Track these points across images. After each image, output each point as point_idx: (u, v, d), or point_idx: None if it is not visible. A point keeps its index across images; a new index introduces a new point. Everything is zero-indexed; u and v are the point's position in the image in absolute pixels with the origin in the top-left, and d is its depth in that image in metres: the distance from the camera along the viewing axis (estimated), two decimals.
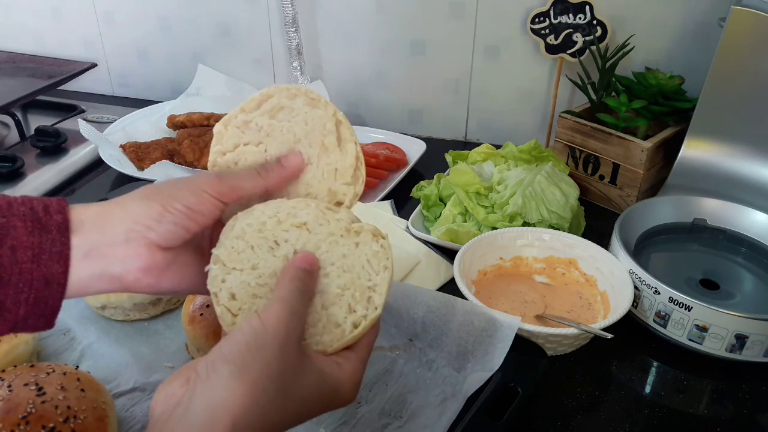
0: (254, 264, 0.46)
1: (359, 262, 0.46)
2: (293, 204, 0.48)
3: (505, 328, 0.59)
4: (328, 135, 0.51)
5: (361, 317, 0.45)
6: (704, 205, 0.80)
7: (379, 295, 0.45)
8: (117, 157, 0.98)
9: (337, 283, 0.45)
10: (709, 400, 0.63)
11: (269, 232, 0.47)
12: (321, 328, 0.44)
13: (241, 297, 0.45)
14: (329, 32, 1.12)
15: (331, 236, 0.47)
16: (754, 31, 0.78)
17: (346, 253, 0.46)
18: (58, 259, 0.41)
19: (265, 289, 0.45)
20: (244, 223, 0.47)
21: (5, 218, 0.40)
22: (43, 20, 1.27)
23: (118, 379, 0.61)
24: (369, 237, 0.47)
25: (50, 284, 0.41)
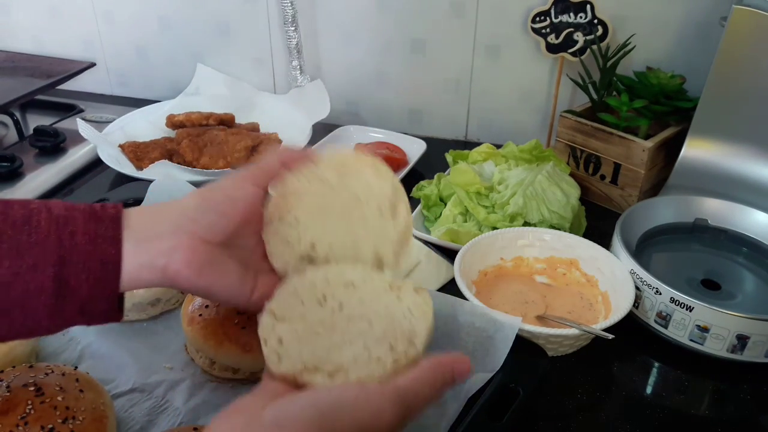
0: (302, 314, 0.50)
1: (401, 311, 0.49)
2: (342, 266, 0.52)
3: (506, 328, 0.59)
4: (385, 202, 0.54)
5: (402, 354, 0.47)
6: (706, 205, 0.79)
7: (419, 338, 0.48)
8: (116, 156, 0.98)
9: (380, 328, 0.48)
10: (711, 401, 0.63)
11: (318, 289, 0.51)
12: (363, 364, 0.47)
13: (287, 342, 0.48)
14: (329, 31, 1.12)
15: (375, 291, 0.51)
16: (756, 31, 0.78)
17: (388, 304, 0.50)
18: (112, 243, 0.45)
19: (311, 335, 0.49)
20: (297, 282, 0.52)
21: (68, 212, 0.45)
22: (42, 19, 1.27)
23: (116, 379, 0.61)
24: (410, 291, 0.51)
25: (106, 265, 0.45)
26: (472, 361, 0.60)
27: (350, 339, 0.48)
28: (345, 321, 0.49)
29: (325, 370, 0.46)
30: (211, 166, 0.98)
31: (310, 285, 0.51)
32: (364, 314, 0.49)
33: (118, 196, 0.85)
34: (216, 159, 0.99)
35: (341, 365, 0.47)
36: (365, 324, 0.49)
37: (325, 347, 0.48)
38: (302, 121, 1.07)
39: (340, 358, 0.47)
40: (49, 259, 0.43)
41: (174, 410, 0.58)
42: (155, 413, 0.58)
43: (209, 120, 1.07)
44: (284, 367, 0.47)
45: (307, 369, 0.46)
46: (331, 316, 0.49)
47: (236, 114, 1.11)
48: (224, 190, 0.50)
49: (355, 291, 0.51)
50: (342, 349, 0.47)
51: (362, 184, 0.54)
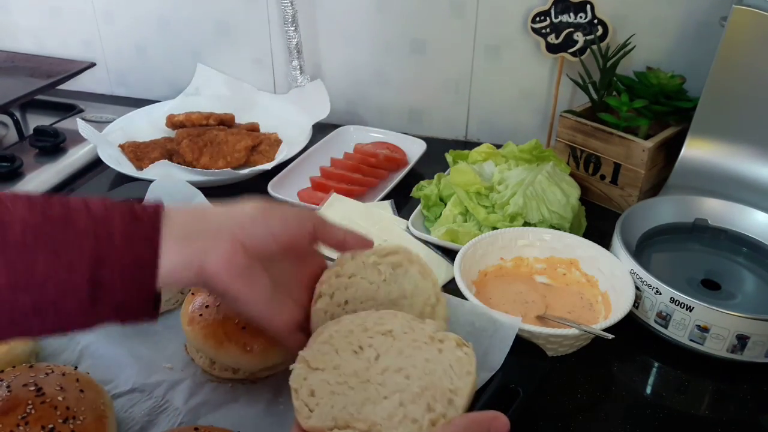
0: (336, 364, 0.48)
1: (441, 367, 0.47)
2: (380, 314, 0.51)
3: (506, 328, 0.59)
4: (427, 307, 0.55)
5: (440, 416, 0.44)
6: (706, 205, 0.79)
7: (460, 398, 0.45)
8: (116, 156, 0.98)
9: (418, 384, 0.46)
10: (711, 401, 0.63)
11: (355, 337, 0.49)
12: (397, 422, 0.44)
13: (319, 393, 0.46)
14: (329, 31, 1.12)
15: (415, 342, 0.49)
16: (756, 30, 0.78)
17: (429, 357, 0.48)
18: (149, 245, 0.45)
19: (344, 387, 0.46)
20: (333, 329, 0.50)
21: (107, 211, 0.45)
22: (42, 19, 1.27)
23: (116, 379, 0.61)
24: (453, 344, 0.48)
25: (142, 268, 0.45)
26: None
27: (386, 393, 0.46)
28: (381, 373, 0.47)
29: (357, 429, 0.44)
30: (211, 166, 0.98)
31: (346, 332, 0.50)
32: (402, 367, 0.47)
33: (118, 196, 0.85)
34: (216, 159, 0.99)
35: (374, 422, 0.44)
36: (402, 378, 0.46)
37: (358, 401, 0.45)
38: (302, 121, 1.07)
39: (373, 415, 0.44)
40: (85, 260, 0.42)
41: (174, 410, 0.58)
42: (155, 413, 0.58)
43: (209, 120, 1.07)
44: (314, 421, 0.44)
45: (337, 426, 0.44)
46: (367, 369, 0.47)
47: (236, 114, 1.11)
48: (283, 213, 0.51)
49: (394, 341, 0.49)
50: (376, 405, 0.45)
51: (410, 282, 0.56)
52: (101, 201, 0.45)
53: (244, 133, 1.04)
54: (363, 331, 0.50)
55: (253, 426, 0.57)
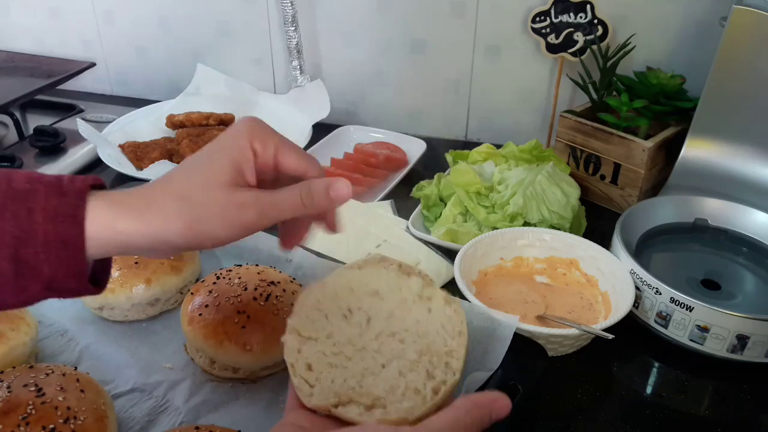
0: (329, 333, 0.47)
1: (433, 328, 0.47)
2: (363, 274, 0.49)
3: (504, 327, 0.59)
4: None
5: (441, 383, 0.44)
6: (706, 205, 0.79)
7: (456, 360, 0.45)
8: (116, 156, 0.98)
9: (414, 349, 0.46)
10: (711, 401, 0.63)
11: (342, 301, 0.48)
12: (401, 395, 0.44)
13: (317, 367, 0.45)
14: (329, 31, 1.12)
15: (404, 303, 0.48)
16: (756, 31, 0.78)
17: (419, 318, 0.47)
18: (73, 222, 0.41)
19: (341, 358, 0.46)
20: (318, 294, 0.49)
21: (31, 184, 0.41)
22: (42, 19, 1.27)
23: (116, 380, 0.61)
24: (441, 302, 0.48)
25: (67, 245, 0.41)
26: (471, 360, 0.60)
27: (383, 361, 0.45)
28: (375, 339, 0.46)
29: (361, 403, 0.43)
30: None
31: (333, 296, 0.49)
32: (395, 331, 0.47)
33: None
34: None
35: (377, 397, 0.44)
36: (397, 343, 0.46)
37: (357, 373, 0.45)
38: (302, 121, 1.07)
39: (375, 388, 0.44)
40: (4, 239, 0.40)
41: (174, 410, 0.58)
42: (156, 413, 0.58)
43: (209, 120, 1.07)
44: (316, 399, 0.44)
45: (341, 402, 0.44)
46: (360, 335, 0.47)
47: (236, 114, 1.11)
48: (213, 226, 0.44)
49: (383, 302, 0.48)
50: (376, 376, 0.45)
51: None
52: (26, 175, 0.42)
53: None
54: (349, 292, 0.49)
55: (254, 425, 0.57)
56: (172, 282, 0.68)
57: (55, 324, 0.67)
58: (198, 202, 0.43)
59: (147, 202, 0.43)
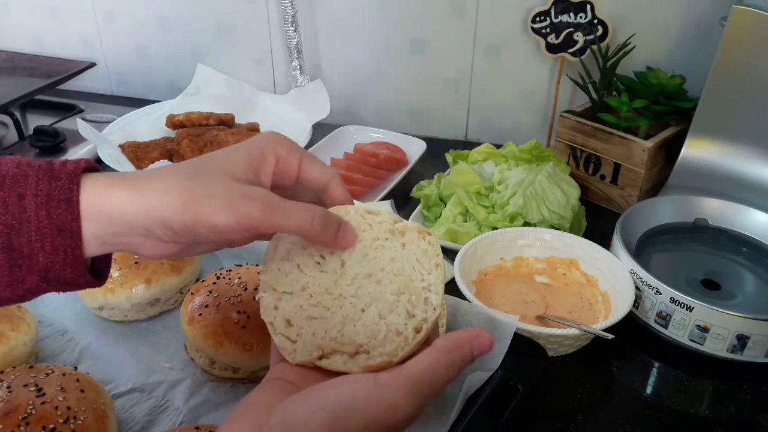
0: (304, 284, 0.45)
1: (409, 264, 0.45)
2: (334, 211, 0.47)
3: (504, 327, 0.59)
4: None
5: (422, 321, 0.43)
6: (706, 205, 0.79)
7: (435, 294, 0.44)
8: (116, 156, 0.98)
9: (391, 290, 0.44)
10: (711, 401, 0.63)
11: (313, 247, 0.46)
12: (383, 338, 0.43)
13: (296, 322, 0.44)
14: (329, 31, 1.12)
15: (377, 241, 0.46)
16: (756, 31, 0.78)
17: (394, 255, 0.45)
18: (67, 207, 0.39)
19: (319, 309, 0.44)
20: (287, 242, 0.46)
21: (20, 169, 0.39)
22: (42, 19, 1.27)
23: (116, 380, 0.61)
24: (415, 235, 0.46)
25: (63, 232, 0.39)
26: None
27: (362, 306, 0.44)
28: (351, 284, 0.44)
29: (345, 352, 0.42)
30: None
31: (302, 242, 0.46)
32: (370, 272, 0.45)
33: None
34: None
35: (360, 344, 0.42)
36: (374, 285, 0.44)
37: (338, 322, 0.43)
38: (302, 121, 1.07)
39: (356, 335, 0.43)
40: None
41: (174, 410, 0.58)
42: (156, 413, 0.58)
43: (209, 120, 1.07)
44: (300, 356, 0.43)
45: (325, 354, 0.42)
46: (336, 282, 0.45)
47: (236, 114, 1.11)
48: (212, 219, 0.41)
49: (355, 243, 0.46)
50: (357, 322, 0.43)
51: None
52: (14, 159, 0.40)
53: (244, 133, 1.04)
54: None
55: None
56: (172, 282, 0.68)
57: (55, 324, 0.67)
58: (202, 181, 0.41)
59: (148, 176, 0.41)
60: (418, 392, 0.38)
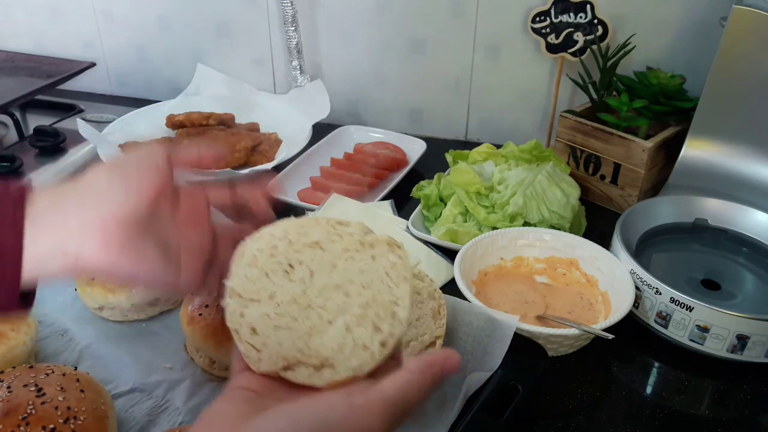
0: (272, 293, 0.44)
1: (378, 276, 0.44)
2: (302, 223, 0.47)
3: (504, 327, 0.59)
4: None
5: (388, 335, 0.43)
6: (706, 205, 0.79)
7: (402, 308, 0.43)
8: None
9: (359, 302, 0.44)
10: (711, 401, 0.63)
11: (282, 255, 0.45)
12: (349, 353, 0.42)
13: (263, 331, 0.43)
14: (329, 31, 1.12)
15: (346, 252, 0.45)
16: (756, 30, 0.78)
17: (363, 268, 0.45)
18: (11, 230, 0.40)
19: (287, 319, 0.43)
20: (254, 248, 0.45)
21: None
22: (42, 20, 1.27)
23: (116, 380, 0.61)
24: (385, 248, 0.46)
25: (3, 255, 0.39)
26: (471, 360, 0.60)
27: (329, 318, 0.43)
28: (319, 295, 0.44)
29: (310, 364, 0.42)
30: None
31: (271, 250, 0.45)
32: (339, 284, 0.44)
33: None
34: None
35: (326, 358, 0.42)
36: (342, 296, 0.44)
37: (304, 333, 0.43)
38: (302, 121, 1.07)
39: (322, 348, 0.42)
40: None
41: (174, 410, 0.58)
42: (156, 413, 0.58)
43: (209, 120, 1.07)
44: (265, 365, 0.42)
45: (290, 365, 0.42)
46: (304, 292, 0.44)
47: (236, 114, 1.11)
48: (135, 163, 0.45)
49: (324, 254, 0.45)
50: (323, 334, 0.43)
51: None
52: None
53: (244, 133, 1.04)
54: (288, 245, 0.45)
55: None
56: None
57: (55, 324, 0.67)
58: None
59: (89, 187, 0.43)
60: (391, 414, 0.37)
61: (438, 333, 0.59)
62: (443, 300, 0.62)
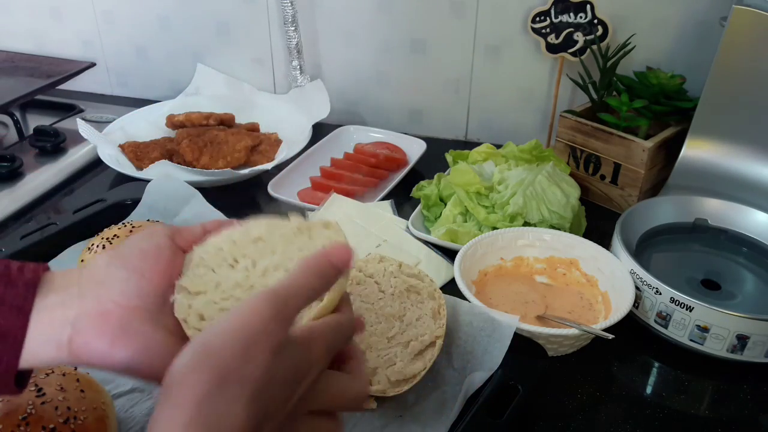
0: (217, 282, 0.45)
1: (315, 249, 0.46)
2: (245, 227, 0.49)
3: (504, 327, 0.59)
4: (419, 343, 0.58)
5: None
6: (706, 205, 0.79)
7: None
8: (116, 156, 0.98)
9: None
10: (711, 401, 0.63)
11: (227, 252, 0.47)
12: None
13: (209, 315, 0.44)
14: (329, 31, 1.12)
15: (285, 238, 0.47)
16: (756, 30, 0.78)
17: (301, 246, 0.47)
18: (18, 314, 0.39)
19: (231, 301, 0.45)
20: (201, 252, 0.47)
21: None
22: (42, 19, 1.27)
23: (116, 380, 0.60)
24: (320, 228, 0.48)
25: (6, 338, 0.38)
26: (471, 360, 0.60)
27: None
28: (262, 276, 0.46)
29: None
30: (211, 166, 0.98)
31: (216, 251, 0.47)
32: (279, 263, 0.46)
33: (118, 196, 0.85)
34: (216, 159, 0.99)
35: None
36: (282, 273, 0.46)
37: None
38: (302, 121, 1.07)
39: None
40: None
41: None
42: None
43: (209, 120, 1.07)
44: None
45: None
46: (247, 277, 0.46)
47: (236, 114, 1.11)
48: (134, 242, 0.44)
49: (266, 245, 0.47)
50: None
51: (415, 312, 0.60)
52: None
53: (244, 133, 1.04)
54: (232, 244, 0.48)
55: None
56: None
57: None
58: None
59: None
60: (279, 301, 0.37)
61: (438, 333, 0.59)
62: (443, 300, 0.62)
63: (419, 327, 0.60)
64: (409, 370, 0.57)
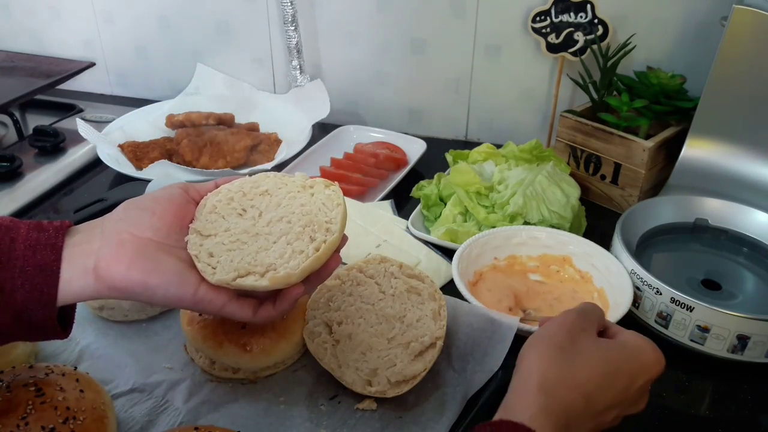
0: (226, 228, 0.53)
1: (316, 206, 0.54)
2: (254, 179, 0.57)
3: (505, 328, 0.59)
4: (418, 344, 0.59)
5: (321, 242, 0.51)
6: (706, 205, 0.79)
7: (335, 224, 0.52)
8: (115, 156, 0.98)
9: (299, 224, 0.52)
10: (711, 401, 0.63)
11: (237, 203, 0.55)
12: (288, 257, 0.51)
13: (217, 254, 0.51)
14: (329, 31, 1.12)
15: (289, 194, 0.55)
16: (756, 30, 0.78)
17: (304, 202, 0.54)
18: (52, 249, 0.46)
19: (238, 244, 0.52)
20: (215, 200, 0.55)
21: (13, 222, 0.47)
22: (42, 19, 1.27)
23: (116, 380, 0.61)
24: (322, 186, 0.56)
25: (44, 271, 0.45)
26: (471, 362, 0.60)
27: (274, 239, 0.52)
28: (267, 225, 0.53)
29: (256, 272, 0.50)
30: (211, 166, 0.98)
31: (227, 200, 0.55)
32: (283, 216, 0.53)
33: (117, 195, 0.85)
34: (215, 159, 0.99)
35: (270, 264, 0.50)
36: (285, 224, 0.53)
37: (253, 252, 0.51)
38: (302, 121, 1.07)
39: (267, 258, 0.51)
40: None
41: (174, 410, 0.58)
42: (155, 413, 0.58)
43: (209, 120, 1.07)
44: (218, 275, 0.49)
45: (240, 275, 0.49)
46: (254, 225, 0.53)
47: (236, 114, 1.11)
48: (150, 195, 0.53)
49: (272, 198, 0.55)
50: (268, 251, 0.51)
51: (416, 312, 0.61)
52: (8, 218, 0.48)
53: (244, 132, 1.04)
54: (242, 196, 0.55)
55: (253, 426, 0.57)
56: None
57: None
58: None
59: None
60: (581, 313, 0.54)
61: (438, 334, 0.59)
62: (444, 301, 0.62)
63: (420, 328, 0.60)
64: (410, 371, 0.57)
